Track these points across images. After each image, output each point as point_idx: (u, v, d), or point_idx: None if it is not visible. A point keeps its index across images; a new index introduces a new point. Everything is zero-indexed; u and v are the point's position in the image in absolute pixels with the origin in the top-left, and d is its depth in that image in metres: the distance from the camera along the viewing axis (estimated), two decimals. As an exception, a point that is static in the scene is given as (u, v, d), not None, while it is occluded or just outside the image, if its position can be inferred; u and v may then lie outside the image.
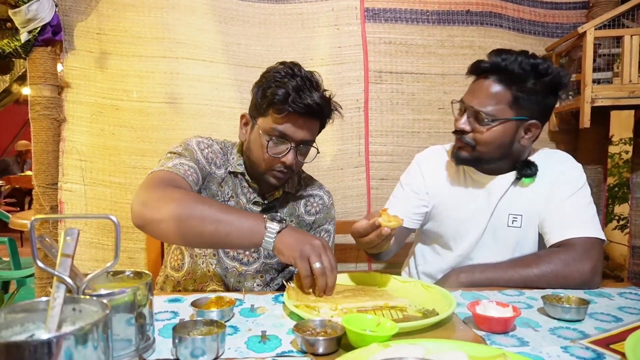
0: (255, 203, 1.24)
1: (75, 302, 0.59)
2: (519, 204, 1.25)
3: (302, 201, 1.32)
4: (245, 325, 0.82)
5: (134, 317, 0.67)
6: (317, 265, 0.92)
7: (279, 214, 1.29)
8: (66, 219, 1.75)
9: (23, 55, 1.66)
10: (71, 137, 1.75)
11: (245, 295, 1.00)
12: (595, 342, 0.75)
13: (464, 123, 1.21)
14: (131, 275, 0.76)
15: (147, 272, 0.74)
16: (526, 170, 1.23)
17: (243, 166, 1.24)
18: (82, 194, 1.76)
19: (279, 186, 1.23)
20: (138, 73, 1.76)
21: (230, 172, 1.23)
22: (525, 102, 1.16)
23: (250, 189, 1.25)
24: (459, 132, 1.23)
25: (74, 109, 1.75)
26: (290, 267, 1.32)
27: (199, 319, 0.76)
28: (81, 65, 1.75)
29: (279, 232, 0.95)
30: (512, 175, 1.25)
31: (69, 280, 0.59)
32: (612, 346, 0.73)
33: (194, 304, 0.85)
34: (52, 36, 1.64)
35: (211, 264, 1.22)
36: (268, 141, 1.13)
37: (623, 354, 0.67)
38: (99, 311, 0.57)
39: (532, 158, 1.27)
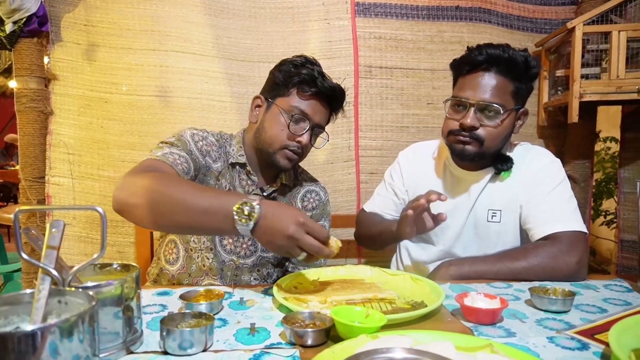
0: (254, 195, 1.24)
1: (60, 295, 0.59)
2: (497, 200, 1.26)
3: (299, 196, 1.33)
4: (234, 317, 0.82)
5: (122, 309, 0.66)
6: (300, 258, 0.86)
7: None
8: (51, 210, 1.73)
9: (8, 47, 1.63)
10: (58, 130, 1.73)
11: (234, 288, 1.00)
12: (580, 333, 0.76)
13: (472, 119, 1.16)
14: (119, 268, 0.75)
15: (134, 264, 0.73)
16: (503, 165, 1.25)
17: (245, 157, 1.23)
18: (70, 187, 1.74)
19: (286, 169, 1.24)
20: (127, 66, 1.74)
21: (230, 164, 1.22)
22: (521, 92, 1.20)
23: (249, 181, 1.24)
24: (468, 129, 1.17)
25: (62, 102, 1.73)
26: (287, 263, 1.32)
27: (187, 311, 0.75)
28: (68, 57, 1.72)
29: (252, 230, 0.85)
30: (490, 170, 1.27)
31: (54, 272, 0.58)
32: (596, 336, 0.74)
33: (182, 296, 0.85)
34: (38, 27, 1.62)
35: (207, 259, 1.20)
36: (290, 119, 1.16)
37: (607, 344, 0.68)
38: (85, 303, 0.57)
39: (510, 153, 1.29)
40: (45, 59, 1.71)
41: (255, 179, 1.24)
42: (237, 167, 1.23)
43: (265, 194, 1.26)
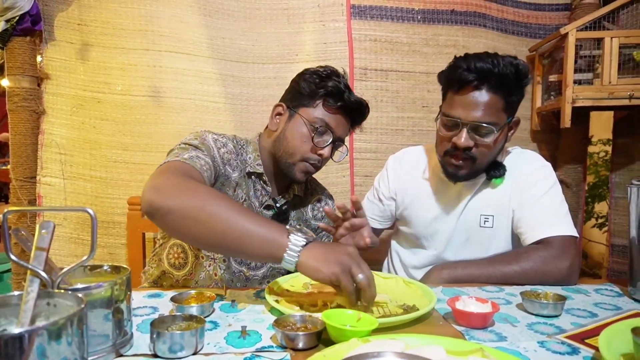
0: (267, 207, 1.21)
1: (49, 297, 0.58)
2: (489, 205, 1.26)
3: (310, 206, 1.32)
4: (226, 320, 0.82)
5: (111, 312, 0.66)
6: (361, 276, 0.80)
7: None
8: (41, 211, 1.71)
9: (0, 45, 1.62)
10: (50, 129, 1.71)
11: (226, 291, 0.99)
12: (570, 337, 0.76)
13: (466, 139, 1.14)
14: (109, 269, 0.74)
15: (125, 266, 0.73)
16: (495, 171, 1.24)
17: (262, 166, 1.19)
18: (62, 188, 1.73)
19: (301, 182, 1.23)
20: (120, 66, 1.73)
21: (247, 173, 1.18)
22: (513, 104, 1.18)
23: (264, 192, 1.21)
24: (463, 150, 1.16)
25: (54, 101, 1.72)
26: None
27: (178, 314, 0.75)
28: (61, 56, 1.71)
29: (304, 245, 0.82)
30: (481, 176, 1.26)
31: (43, 274, 0.58)
32: (587, 341, 0.74)
33: (173, 299, 0.84)
34: (31, 26, 1.60)
35: (220, 268, 1.16)
36: (314, 131, 1.14)
37: (597, 349, 0.69)
38: (74, 305, 0.56)
39: (503, 159, 1.28)
40: (38, 58, 1.70)
41: (269, 189, 1.21)
42: (253, 176, 1.20)
43: (278, 204, 1.23)
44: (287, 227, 0.86)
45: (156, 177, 0.94)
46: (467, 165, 1.19)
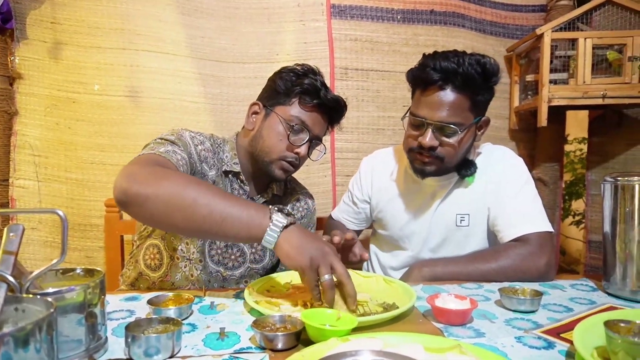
0: None
1: (17, 302, 0.56)
2: (464, 204, 1.27)
3: (289, 205, 1.30)
4: (204, 322, 0.80)
5: (84, 316, 0.64)
6: (326, 277, 0.80)
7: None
8: (9, 213, 1.65)
9: (-30, 44, 1.57)
10: (23, 130, 1.67)
11: (205, 292, 0.98)
12: (547, 332, 0.77)
13: (431, 139, 1.15)
14: (82, 273, 0.72)
15: (99, 269, 0.71)
16: (466, 170, 1.24)
17: (239, 165, 1.18)
18: (36, 190, 1.69)
19: (280, 180, 1.21)
20: (96, 65, 1.70)
21: (223, 172, 1.16)
22: (480, 103, 1.18)
23: (242, 190, 1.19)
24: (427, 149, 1.16)
25: (27, 102, 1.67)
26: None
27: (154, 317, 0.73)
28: (34, 55, 1.67)
29: (285, 227, 0.82)
30: (453, 175, 1.26)
31: (10, 278, 0.56)
32: (562, 335, 0.76)
33: (150, 301, 0.83)
34: (2, 24, 1.57)
35: (196, 269, 1.14)
36: (289, 129, 1.13)
37: (572, 342, 0.70)
38: (44, 310, 0.54)
39: (474, 157, 1.29)
40: (10, 57, 1.65)
41: (247, 188, 1.20)
42: (230, 175, 1.18)
43: None
44: (270, 206, 0.86)
45: (129, 166, 0.92)
46: (434, 163, 1.19)
